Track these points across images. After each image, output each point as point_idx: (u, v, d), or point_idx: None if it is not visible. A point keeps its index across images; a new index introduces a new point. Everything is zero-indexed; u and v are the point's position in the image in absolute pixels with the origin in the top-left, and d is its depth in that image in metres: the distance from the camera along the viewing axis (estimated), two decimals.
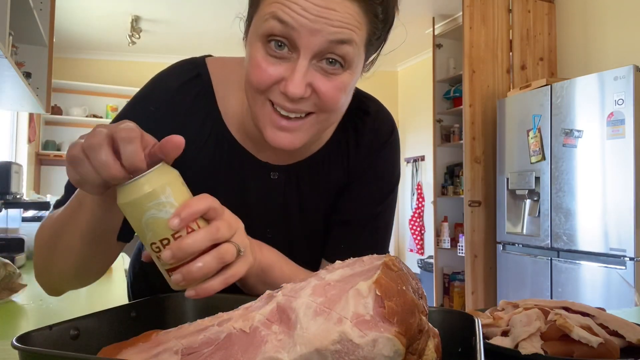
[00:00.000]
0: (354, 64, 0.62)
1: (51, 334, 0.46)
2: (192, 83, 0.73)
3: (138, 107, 0.73)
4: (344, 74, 0.62)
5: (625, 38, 3.37)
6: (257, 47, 0.61)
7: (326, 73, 0.61)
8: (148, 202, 0.48)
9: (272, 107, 0.63)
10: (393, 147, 0.82)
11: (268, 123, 0.64)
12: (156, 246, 0.49)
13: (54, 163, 5.29)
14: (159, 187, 0.49)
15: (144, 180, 0.48)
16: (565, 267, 3.02)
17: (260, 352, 0.39)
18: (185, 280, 0.49)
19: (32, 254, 2.19)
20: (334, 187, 0.79)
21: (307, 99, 0.62)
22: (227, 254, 0.51)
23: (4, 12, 1.61)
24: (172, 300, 0.60)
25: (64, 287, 0.73)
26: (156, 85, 0.74)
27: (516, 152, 3.43)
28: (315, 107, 0.63)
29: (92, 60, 5.51)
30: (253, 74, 0.62)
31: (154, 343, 0.46)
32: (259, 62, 0.61)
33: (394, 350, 0.36)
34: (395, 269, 0.42)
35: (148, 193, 0.48)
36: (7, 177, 2.07)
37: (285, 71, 0.60)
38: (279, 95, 0.62)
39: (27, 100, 2.35)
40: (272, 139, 0.64)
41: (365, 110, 0.80)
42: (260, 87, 0.62)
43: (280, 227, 0.79)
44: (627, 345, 0.65)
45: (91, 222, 0.59)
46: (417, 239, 5.65)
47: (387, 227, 0.82)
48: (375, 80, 0.76)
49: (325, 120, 0.66)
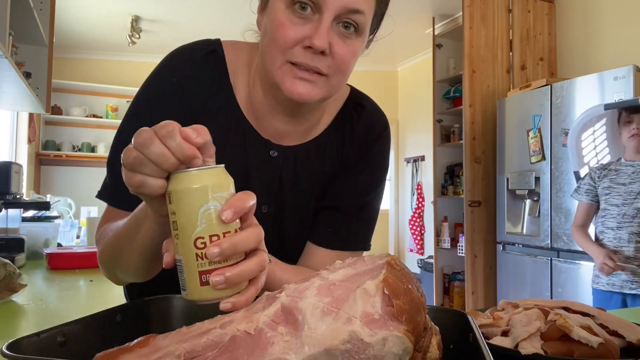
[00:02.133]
0: (364, 32, 0.71)
1: (39, 341, 0.45)
2: (210, 57, 0.78)
3: (161, 78, 0.78)
4: (357, 40, 0.70)
5: (625, 38, 3.37)
6: (281, 8, 0.67)
7: (343, 36, 0.68)
8: (215, 193, 0.47)
9: (292, 65, 0.68)
10: (384, 143, 0.87)
11: (288, 75, 0.68)
12: (202, 241, 0.46)
13: (54, 163, 5.29)
14: (228, 182, 0.49)
15: (215, 171, 0.48)
16: (565, 267, 3.02)
17: (267, 354, 0.38)
18: (226, 283, 0.47)
19: (31, 254, 2.19)
20: (327, 174, 0.84)
21: (325, 58, 0.68)
22: (265, 262, 0.51)
23: (4, 12, 1.61)
24: (157, 303, 0.60)
25: (128, 282, 0.82)
26: (177, 58, 0.78)
27: (516, 152, 3.43)
28: (329, 69, 0.69)
29: (92, 60, 5.51)
30: (279, 33, 0.67)
31: (153, 348, 0.45)
32: (285, 21, 0.67)
33: (403, 347, 0.36)
34: (398, 268, 0.42)
35: (218, 184, 0.47)
36: (7, 177, 2.07)
37: (308, 30, 0.66)
38: (301, 53, 0.67)
39: (27, 100, 2.35)
40: (292, 88, 0.68)
41: (361, 104, 0.86)
42: (285, 45, 0.67)
43: (275, 204, 0.82)
44: (627, 345, 0.65)
45: (149, 242, 0.59)
46: (417, 239, 5.65)
47: (371, 218, 0.86)
48: (375, 80, 0.80)
49: (336, 84, 0.72)
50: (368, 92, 0.90)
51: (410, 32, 5.04)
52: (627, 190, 2.23)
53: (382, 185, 0.87)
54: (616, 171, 2.30)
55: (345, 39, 0.69)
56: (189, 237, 0.47)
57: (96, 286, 1.65)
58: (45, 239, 2.32)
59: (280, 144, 0.81)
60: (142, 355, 0.44)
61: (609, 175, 2.31)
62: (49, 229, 2.41)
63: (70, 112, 5.33)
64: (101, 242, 0.74)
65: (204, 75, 0.77)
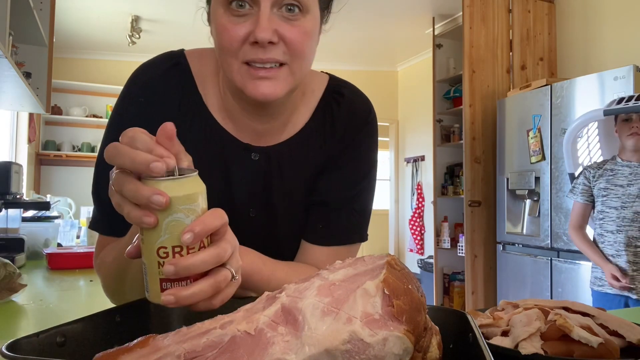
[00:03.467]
0: (310, 9, 0.68)
1: (39, 341, 0.45)
2: (173, 71, 0.77)
3: (128, 100, 0.76)
4: (305, 19, 0.67)
5: (625, 38, 3.37)
6: (220, 13, 0.66)
7: (288, 20, 0.66)
8: (182, 204, 0.46)
9: (248, 66, 0.67)
10: (370, 128, 0.84)
11: (247, 78, 0.67)
12: (165, 251, 0.46)
13: (54, 163, 5.29)
14: (197, 192, 0.47)
15: (184, 182, 0.46)
16: (565, 267, 3.02)
17: (267, 354, 0.38)
18: (176, 303, 0.47)
19: (31, 254, 2.19)
20: (313, 169, 0.82)
21: (277, 46, 0.66)
22: (223, 282, 0.50)
23: (4, 12, 1.61)
24: (156, 304, 0.60)
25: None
26: (139, 77, 0.77)
27: (516, 152, 3.43)
28: (285, 56, 0.67)
29: (92, 60, 5.52)
30: (223, 38, 0.66)
31: (153, 348, 0.44)
32: (225, 25, 0.65)
33: (403, 348, 0.36)
34: (398, 268, 0.42)
35: (187, 195, 0.46)
36: (7, 177, 2.07)
37: (250, 25, 0.65)
38: (250, 50, 0.65)
39: (27, 100, 2.35)
40: (255, 91, 0.67)
41: (340, 93, 0.83)
42: (232, 48, 0.66)
43: (262, 207, 0.81)
44: (627, 345, 0.65)
45: None
46: (417, 239, 5.65)
47: (363, 211, 0.84)
48: (375, 80, 0.78)
49: (299, 69, 0.69)
50: (368, 92, 0.88)
51: (410, 32, 5.04)
52: (625, 192, 2.20)
53: (372, 172, 0.84)
54: (612, 171, 2.26)
55: (292, 22, 0.66)
56: (153, 245, 0.46)
57: (96, 286, 1.65)
58: (45, 239, 2.32)
59: (261, 145, 0.79)
60: (142, 355, 0.43)
61: (605, 175, 2.27)
62: (49, 229, 2.41)
63: (70, 112, 5.34)
64: (102, 271, 0.74)
65: (170, 90, 0.76)
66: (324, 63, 6.01)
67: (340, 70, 6.14)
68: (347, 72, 6.27)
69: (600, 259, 2.25)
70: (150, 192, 0.45)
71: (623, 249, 2.18)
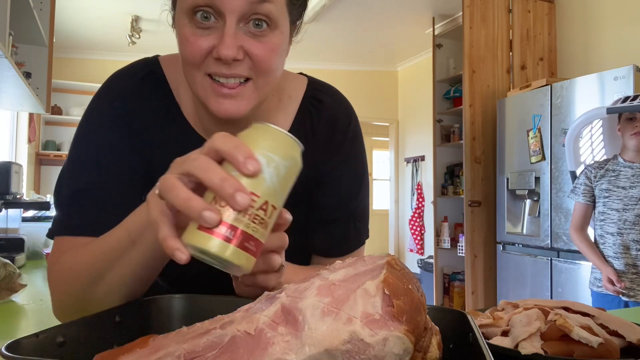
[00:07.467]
0: (279, 23, 0.64)
1: (38, 342, 0.45)
2: (148, 79, 0.75)
3: (102, 103, 0.74)
4: (273, 34, 0.64)
5: (625, 38, 3.37)
6: (184, 23, 0.63)
7: (255, 36, 0.63)
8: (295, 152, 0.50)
9: (212, 79, 0.64)
10: (354, 134, 0.83)
11: (210, 94, 0.64)
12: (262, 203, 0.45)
13: (54, 163, 5.29)
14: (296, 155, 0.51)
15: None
16: (565, 267, 3.02)
17: (267, 354, 0.38)
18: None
19: (31, 254, 2.19)
20: (298, 178, 0.81)
21: (242, 62, 0.63)
22: (275, 265, 0.55)
23: (4, 12, 1.61)
24: (157, 303, 0.60)
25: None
26: (115, 83, 0.76)
27: (516, 152, 3.43)
28: (251, 72, 0.64)
29: (92, 60, 5.51)
30: (185, 49, 0.63)
31: (153, 348, 0.44)
32: (188, 36, 0.62)
33: (403, 348, 0.36)
34: (398, 268, 0.42)
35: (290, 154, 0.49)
36: (7, 177, 2.07)
37: (215, 39, 0.62)
38: (214, 64, 0.63)
39: (27, 100, 2.35)
40: (217, 108, 0.64)
41: (319, 99, 0.81)
42: (194, 61, 0.63)
43: None
44: (627, 345, 0.65)
45: (149, 258, 0.57)
46: (417, 239, 5.65)
47: (365, 213, 0.86)
48: (375, 80, 0.77)
49: (264, 84, 0.66)
50: (368, 92, 0.87)
51: (410, 32, 5.04)
52: (627, 194, 2.19)
53: (366, 178, 0.85)
54: (614, 172, 2.25)
55: (260, 38, 0.63)
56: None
57: None
58: (45, 239, 2.32)
59: None
60: (142, 355, 0.44)
61: (607, 175, 2.26)
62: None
63: (70, 112, 5.34)
64: (65, 277, 0.65)
65: (145, 99, 0.74)
66: (324, 63, 6.01)
67: (341, 70, 6.15)
68: (347, 72, 6.28)
69: (599, 260, 2.24)
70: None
71: (623, 251, 2.18)
